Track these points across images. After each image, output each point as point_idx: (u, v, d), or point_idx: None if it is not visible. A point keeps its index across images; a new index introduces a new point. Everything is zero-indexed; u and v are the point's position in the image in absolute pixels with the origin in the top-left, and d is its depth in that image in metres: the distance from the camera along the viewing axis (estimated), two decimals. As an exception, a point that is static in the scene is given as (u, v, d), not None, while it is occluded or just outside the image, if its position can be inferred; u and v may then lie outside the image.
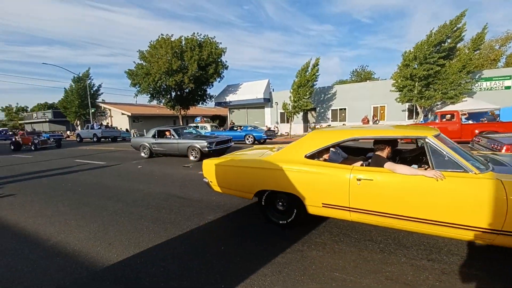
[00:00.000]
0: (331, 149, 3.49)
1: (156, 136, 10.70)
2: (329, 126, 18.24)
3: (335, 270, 2.43)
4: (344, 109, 22.18)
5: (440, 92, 15.82)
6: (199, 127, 17.94)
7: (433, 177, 2.37)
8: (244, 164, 3.62)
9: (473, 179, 2.29)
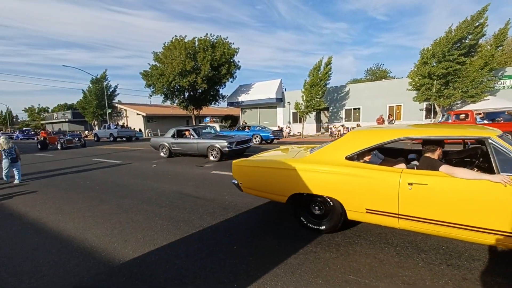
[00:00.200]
0: None
1: (176, 136, 10.69)
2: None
3: (349, 273, 2.38)
4: (358, 109, 21.76)
5: (460, 91, 15.24)
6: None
7: (501, 182, 2.15)
8: (278, 166, 3.41)
9: None
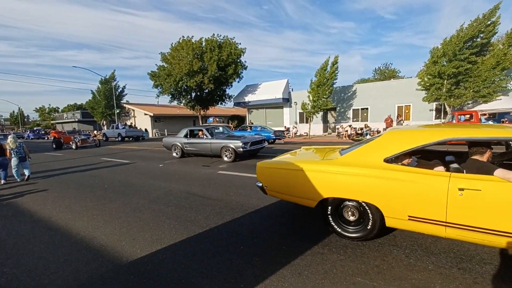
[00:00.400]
0: None
1: (188, 136, 10.56)
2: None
3: (357, 275, 2.35)
4: (366, 109, 21.51)
5: (472, 91, 14.90)
6: None
7: None
8: (308, 168, 3.20)
9: None
